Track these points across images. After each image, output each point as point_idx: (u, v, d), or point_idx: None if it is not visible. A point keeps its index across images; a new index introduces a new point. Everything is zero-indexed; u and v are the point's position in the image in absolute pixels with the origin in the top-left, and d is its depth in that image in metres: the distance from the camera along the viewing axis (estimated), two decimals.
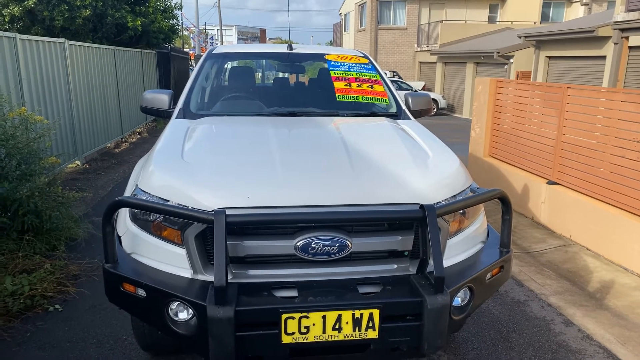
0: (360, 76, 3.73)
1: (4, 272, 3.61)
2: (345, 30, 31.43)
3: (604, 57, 11.96)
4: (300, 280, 2.02)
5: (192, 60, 21.73)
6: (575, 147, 4.92)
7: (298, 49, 4.02)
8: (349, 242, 2.02)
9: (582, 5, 23.51)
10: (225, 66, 4.02)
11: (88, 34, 10.78)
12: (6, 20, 10.08)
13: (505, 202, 2.28)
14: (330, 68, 3.74)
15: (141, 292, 2.00)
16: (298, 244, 2.00)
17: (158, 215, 2.14)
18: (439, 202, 2.16)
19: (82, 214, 5.23)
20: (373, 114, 3.50)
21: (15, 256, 3.81)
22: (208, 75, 3.78)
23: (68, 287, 3.62)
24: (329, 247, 2.01)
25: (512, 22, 22.67)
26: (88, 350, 2.92)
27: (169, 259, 2.09)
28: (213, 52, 3.91)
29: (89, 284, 3.74)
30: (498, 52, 16.22)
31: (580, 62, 13.28)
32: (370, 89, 3.67)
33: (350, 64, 3.83)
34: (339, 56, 3.89)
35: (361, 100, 3.56)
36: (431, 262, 1.95)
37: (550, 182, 5.26)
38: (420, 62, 23.97)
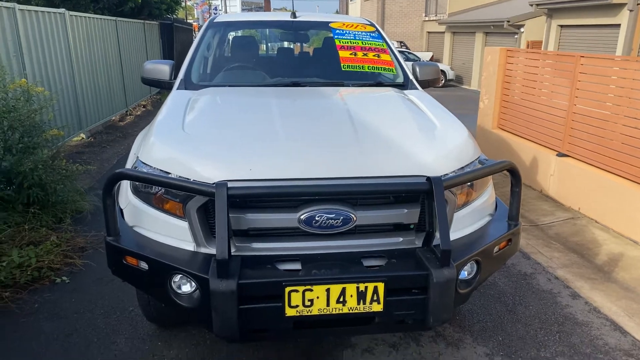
0: (367, 45, 3.62)
1: (11, 245, 3.63)
2: (351, 0, 30.73)
3: (618, 25, 11.61)
4: (304, 254, 1.99)
5: (195, 32, 21.39)
6: (586, 118, 4.81)
7: (302, 17, 3.89)
8: (353, 215, 1.98)
9: None
10: (228, 36, 3.92)
11: (89, 4, 10.57)
12: None
13: (514, 174, 2.22)
14: (335, 36, 3.63)
15: (144, 265, 1.98)
16: (302, 217, 1.96)
17: (159, 187, 2.11)
18: (446, 174, 2.10)
19: (87, 187, 5.23)
20: (379, 84, 3.41)
21: (22, 229, 3.82)
22: (209, 45, 3.69)
23: (74, 259, 3.64)
24: (333, 220, 1.97)
25: None
26: (95, 321, 2.95)
27: (171, 231, 2.07)
28: (214, 20, 3.80)
29: (96, 256, 3.75)
30: (508, 21, 15.80)
31: (594, 30, 12.91)
32: (376, 58, 3.56)
33: (356, 32, 3.71)
34: (344, 24, 3.77)
35: (367, 70, 3.46)
36: (437, 235, 1.91)
37: (560, 154, 5.16)
38: (428, 32, 23.46)
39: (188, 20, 22.65)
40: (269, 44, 5.44)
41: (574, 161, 4.97)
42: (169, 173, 2.07)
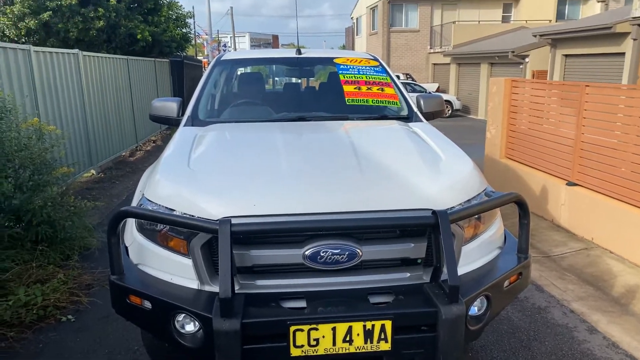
0: (370, 79, 3.66)
1: (18, 283, 3.62)
2: (357, 34, 31.40)
3: (623, 53, 11.67)
4: (308, 291, 1.96)
5: (205, 68, 21.92)
6: (595, 146, 4.77)
7: (307, 53, 3.97)
8: (359, 250, 1.95)
9: (598, 2, 23.10)
10: (235, 73, 3.99)
11: (102, 44, 10.94)
12: (22, 33, 10.28)
13: (522, 206, 2.19)
14: (340, 71, 3.68)
15: (147, 304, 1.96)
16: (306, 252, 1.93)
17: (164, 225, 2.10)
18: (452, 207, 2.08)
19: (96, 224, 5.24)
20: (384, 117, 3.43)
21: (29, 266, 3.82)
22: (217, 81, 3.76)
23: (81, 297, 3.61)
24: (338, 256, 1.94)
25: (526, 21, 22.36)
26: None
27: (176, 269, 2.05)
28: (221, 58, 3.89)
29: (102, 293, 3.72)
30: (513, 52, 15.99)
31: (598, 59, 12.99)
32: (380, 91, 3.59)
33: (360, 67, 3.77)
34: (348, 59, 3.83)
35: (371, 104, 3.49)
36: (445, 270, 1.87)
37: (570, 184, 5.10)
38: (434, 64, 23.78)
39: (198, 57, 23.23)
40: (276, 79, 5.53)
41: (585, 190, 4.90)
42: (174, 210, 2.07)
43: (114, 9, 10.64)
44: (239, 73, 4.04)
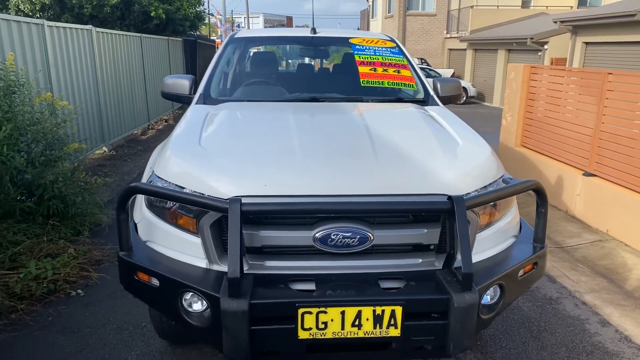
0: (387, 60, 3.57)
1: (29, 256, 3.65)
2: (372, 17, 30.94)
3: None
4: (318, 273, 1.92)
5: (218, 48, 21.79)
6: (615, 136, 4.64)
7: (322, 32, 3.88)
8: (370, 234, 1.91)
9: None
10: (248, 51, 3.92)
11: (116, 21, 10.87)
12: (37, 8, 10.25)
13: (540, 194, 2.12)
14: (355, 52, 3.60)
15: (155, 282, 1.94)
16: (317, 235, 1.90)
17: (174, 202, 2.08)
18: (468, 193, 2.02)
19: (106, 200, 5.26)
20: (399, 100, 3.35)
21: (40, 240, 3.84)
22: (229, 60, 3.69)
23: (90, 272, 3.63)
24: (349, 239, 1.90)
25: (547, 6, 21.81)
26: (107, 336, 2.91)
27: (184, 247, 2.03)
28: (235, 36, 3.81)
29: (111, 269, 3.74)
30: (532, 38, 15.62)
31: (620, 47, 12.65)
32: (396, 73, 3.51)
33: (376, 48, 3.68)
34: (364, 40, 3.74)
35: (387, 86, 3.41)
36: (459, 257, 1.82)
37: (587, 174, 4.99)
38: (450, 49, 23.38)
39: (211, 37, 23.09)
40: (290, 61, 5.45)
41: (602, 181, 4.79)
42: (184, 188, 2.04)
43: None
44: (252, 52, 3.97)
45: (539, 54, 16.17)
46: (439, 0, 23.70)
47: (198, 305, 1.92)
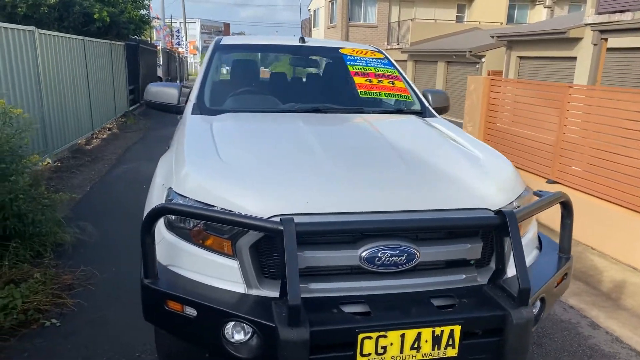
0: (379, 71, 3.56)
1: None
2: (314, 27, 31.23)
3: (574, 58, 12.31)
4: (368, 294, 1.84)
5: (159, 54, 20.93)
6: (576, 145, 4.94)
7: (310, 42, 3.80)
8: (417, 252, 1.85)
9: (545, 7, 24.28)
10: (236, 58, 3.75)
11: (53, 22, 10.09)
12: None
13: (566, 206, 2.19)
14: (348, 62, 3.55)
15: (190, 311, 1.76)
16: (363, 254, 1.81)
17: (197, 221, 1.91)
18: (515, 205, 2.05)
19: (62, 216, 4.82)
20: (399, 111, 3.35)
21: (1, 265, 3.43)
22: (218, 68, 3.51)
23: (65, 299, 3.28)
24: (396, 258, 1.83)
25: (479, 22, 23.12)
26: None
27: (217, 271, 1.86)
28: (220, 43, 3.63)
29: (86, 294, 3.41)
30: (470, 52, 16.45)
31: (551, 62, 13.64)
32: (391, 85, 3.50)
33: (367, 59, 3.66)
34: (354, 50, 3.71)
35: (384, 97, 3.40)
36: (509, 271, 1.81)
37: (550, 181, 5.27)
38: None
39: (153, 42, 22.19)
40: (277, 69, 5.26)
41: (565, 188, 5.07)
42: (213, 206, 1.87)
43: None
44: (241, 60, 3.80)
45: (477, 66, 17.05)
46: (380, 12, 24.39)
47: (240, 335, 1.76)
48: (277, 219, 1.68)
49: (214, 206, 1.87)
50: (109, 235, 4.53)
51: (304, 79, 3.94)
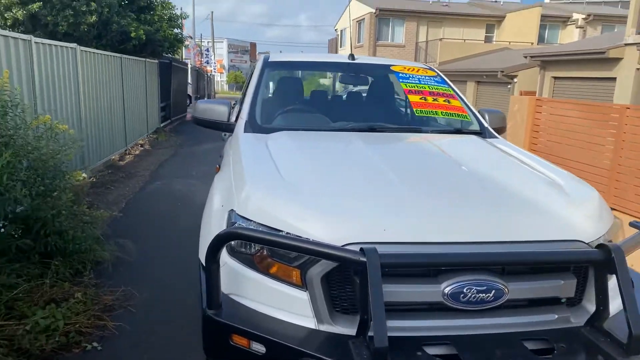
0: (434, 89, 3.41)
1: (28, 302, 3.16)
2: (341, 46, 31.42)
3: (614, 78, 11.94)
4: (454, 335, 1.65)
5: (190, 72, 21.30)
6: (634, 171, 4.67)
7: (359, 59, 3.69)
8: (505, 288, 1.66)
9: (577, 27, 23.93)
10: (285, 76, 3.66)
11: (92, 40, 10.31)
12: (7, 24, 9.59)
13: None
14: (400, 80, 3.42)
15: (259, 347, 1.61)
16: (446, 290, 1.63)
17: (260, 246, 1.77)
18: (597, 238, 1.84)
19: (100, 234, 4.76)
20: (458, 132, 3.18)
21: (42, 283, 3.35)
22: (267, 85, 3.42)
23: (106, 321, 3.17)
24: (483, 294, 1.65)
25: (509, 42, 22.86)
26: None
27: (284, 303, 1.71)
28: (269, 60, 3.55)
29: (127, 316, 3.30)
30: (502, 72, 16.18)
31: (587, 83, 13.27)
32: (447, 103, 3.34)
33: (420, 77, 3.52)
34: (405, 68, 3.58)
35: (441, 116, 3.24)
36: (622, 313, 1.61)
37: None
38: None
39: (184, 60, 22.63)
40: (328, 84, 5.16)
41: (622, 215, 4.79)
42: (280, 230, 1.73)
43: (107, 4, 10.09)
44: (285, 76, 3.71)
45: (509, 86, 16.75)
46: (408, 32, 24.38)
47: None
48: (357, 248, 1.53)
49: (281, 231, 1.73)
50: (145, 254, 4.45)
51: (355, 97, 3.82)
